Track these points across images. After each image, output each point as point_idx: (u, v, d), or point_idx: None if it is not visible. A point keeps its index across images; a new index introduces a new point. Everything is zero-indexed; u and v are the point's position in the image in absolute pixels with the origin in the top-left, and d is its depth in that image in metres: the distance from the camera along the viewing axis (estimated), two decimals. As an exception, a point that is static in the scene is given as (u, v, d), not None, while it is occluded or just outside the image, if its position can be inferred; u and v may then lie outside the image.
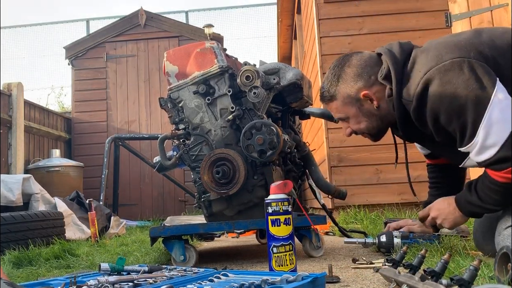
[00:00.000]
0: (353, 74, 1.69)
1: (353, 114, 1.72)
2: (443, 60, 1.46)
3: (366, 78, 1.66)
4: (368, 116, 1.71)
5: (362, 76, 1.67)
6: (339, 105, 1.74)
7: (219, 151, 2.12)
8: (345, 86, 1.70)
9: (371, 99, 1.67)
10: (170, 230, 2.11)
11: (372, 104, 1.68)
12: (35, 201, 3.82)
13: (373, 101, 1.67)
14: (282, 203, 1.54)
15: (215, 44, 2.24)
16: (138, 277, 1.35)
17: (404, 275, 1.20)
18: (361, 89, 1.67)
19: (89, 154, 7.42)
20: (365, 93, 1.66)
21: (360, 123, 1.73)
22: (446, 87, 1.43)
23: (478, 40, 1.50)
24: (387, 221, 2.21)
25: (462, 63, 1.42)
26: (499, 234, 1.48)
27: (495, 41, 1.49)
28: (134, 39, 7.93)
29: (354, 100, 1.69)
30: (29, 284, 1.41)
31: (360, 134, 1.80)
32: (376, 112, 1.69)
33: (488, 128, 1.38)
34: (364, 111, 1.70)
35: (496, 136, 1.37)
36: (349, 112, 1.72)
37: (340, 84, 1.71)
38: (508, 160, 1.38)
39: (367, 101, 1.68)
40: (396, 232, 2.00)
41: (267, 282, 1.18)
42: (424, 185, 2.13)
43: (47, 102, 13.23)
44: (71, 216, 3.87)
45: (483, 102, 1.38)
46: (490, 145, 1.39)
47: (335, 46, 4.40)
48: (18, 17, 28.10)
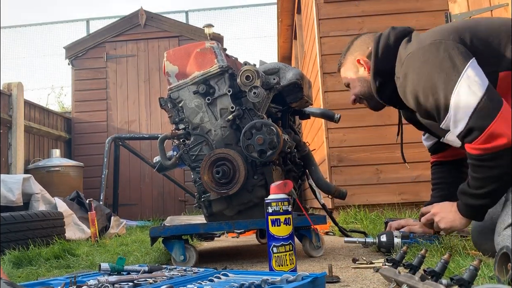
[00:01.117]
0: (356, 46, 1.95)
1: (351, 78, 1.96)
2: (425, 42, 1.61)
3: (364, 49, 1.91)
4: (361, 81, 1.92)
5: (361, 48, 1.92)
6: (344, 71, 1.99)
7: (219, 151, 2.12)
8: (349, 55, 1.97)
9: (364, 66, 1.89)
10: (170, 230, 2.11)
11: (365, 71, 1.90)
12: (35, 201, 3.82)
13: (365, 68, 1.89)
14: (282, 203, 1.54)
15: (215, 44, 2.24)
16: (138, 277, 1.35)
17: (404, 275, 1.20)
18: (357, 57, 1.91)
19: (89, 154, 7.42)
20: (358, 59, 1.90)
21: (355, 87, 1.95)
22: (423, 67, 1.57)
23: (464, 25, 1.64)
24: (388, 220, 2.21)
25: (439, 45, 1.55)
26: (499, 235, 1.48)
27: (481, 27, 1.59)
28: (134, 39, 7.93)
29: (352, 66, 1.94)
30: (29, 284, 1.41)
31: (359, 102, 1.99)
32: (368, 78, 1.88)
33: (457, 103, 1.47)
34: (359, 76, 1.93)
35: (465, 109, 1.46)
36: (349, 76, 1.97)
37: (347, 55, 1.98)
38: (475, 130, 1.45)
39: (362, 67, 1.91)
40: (396, 232, 2.00)
41: (267, 282, 1.18)
42: (424, 185, 2.14)
43: (47, 102, 13.24)
44: (71, 216, 3.87)
45: (453, 79, 1.48)
46: (460, 118, 1.48)
47: (335, 46, 4.40)
48: (18, 16, 28.11)
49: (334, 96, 4.33)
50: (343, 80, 2.04)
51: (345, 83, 2.02)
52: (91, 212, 3.69)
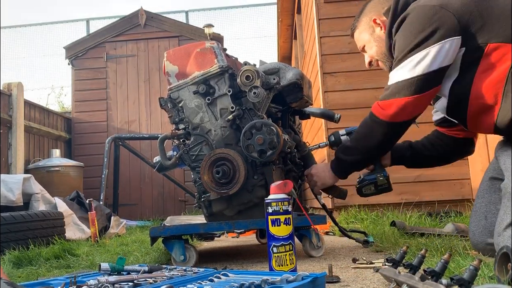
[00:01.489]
0: (370, 7, 1.92)
1: (367, 40, 1.92)
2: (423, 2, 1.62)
3: (379, 9, 1.87)
4: (378, 41, 1.88)
5: (376, 8, 1.89)
6: (358, 34, 1.95)
7: (219, 151, 2.12)
8: (363, 16, 1.93)
9: (380, 26, 1.85)
10: (170, 230, 2.11)
11: (381, 30, 1.86)
12: (35, 201, 3.82)
13: (381, 28, 1.85)
14: (282, 203, 1.54)
15: (215, 44, 2.24)
16: (138, 277, 1.35)
17: (404, 275, 1.20)
18: (373, 17, 1.88)
19: (89, 154, 7.42)
20: (374, 19, 1.87)
21: (371, 48, 1.91)
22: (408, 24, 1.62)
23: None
24: None
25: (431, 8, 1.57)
26: (499, 235, 1.48)
27: None
28: (134, 39, 7.93)
29: (367, 27, 1.91)
30: (29, 284, 1.41)
31: (376, 65, 1.95)
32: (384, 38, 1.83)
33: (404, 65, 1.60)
34: (375, 37, 1.89)
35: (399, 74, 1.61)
36: (365, 38, 1.93)
37: (361, 17, 1.94)
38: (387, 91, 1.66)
39: (378, 27, 1.87)
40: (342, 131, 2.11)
41: (267, 282, 1.18)
42: (425, 185, 2.14)
43: (47, 102, 13.25)
44: (71, 216, 3.87)
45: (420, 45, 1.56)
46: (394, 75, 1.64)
47: (335, 46, 4.40)
48: (18, 16, 28.11)
49: (334, 96, 4.33)
50: (358, 44, 1.99)
51: (359, 46, 1.98)
52: (91, 212, 3.69)
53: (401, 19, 1.66)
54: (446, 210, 3.77)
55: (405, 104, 1.62)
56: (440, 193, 4.02)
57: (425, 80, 1.57)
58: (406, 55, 1.60)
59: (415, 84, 1.58)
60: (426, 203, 4.00)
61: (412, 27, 1.60)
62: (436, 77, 1.58)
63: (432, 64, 1.55)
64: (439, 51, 1.54)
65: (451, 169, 4.07)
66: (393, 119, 1.67)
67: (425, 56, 1.55)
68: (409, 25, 1.62)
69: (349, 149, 1.88)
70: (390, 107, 1.65)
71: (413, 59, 1.57)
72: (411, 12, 1.63)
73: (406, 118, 1.68)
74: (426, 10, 1.58)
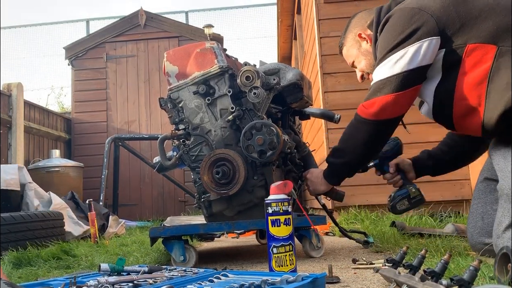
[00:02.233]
0: (354, 23, 1.97)
1: (356, 54, 1.96)
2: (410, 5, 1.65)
3: (363, 23, 1.92)
4: (365, 55, 1.92)
5: (360, 22, 1.94)
6: (346, 50, 2.00)
7: (219, 151, 2.12)
8: (349, 33, 1.99)
9: (366, 39, 1.90)
10: (170, 231, 2.11)
11: (367, 44, 1.91)
12: (29, 190, 3.88)
13: (367, 41, 1.90)
14: (282, 204, 1.54)
15: (215, 44, 2.24)
16: (138, 278, 1.34)
17: (404, 276, 1.20)
18: (358, 32, 1.93)
19: (89, 155, 7.42)
20: (359, 33, 1.91)
21: (360, 62, 1.95)
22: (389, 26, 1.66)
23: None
24: None
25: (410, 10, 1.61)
26: (498, 237, 1.48)
27: None
28: (134, 39, 7.93)
29: (354, 42, 1.95)
30: (29, 284, 1.41)
31: (367, 78, 1.96)
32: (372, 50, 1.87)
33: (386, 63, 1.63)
34: (362, 51, 1.93)
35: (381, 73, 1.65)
36: (353, 54, 1.97)
37: (347, 33, 1.99)
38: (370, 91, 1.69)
39: (364, 41, 1.92)
40: None
41: (267, 282, 1.18)
42: (425, 185, 2.14)
43: (47, 102, 13.26)
44: (66, 209, 3.88)
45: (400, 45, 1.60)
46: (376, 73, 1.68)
47: (335, 46, 4.36)
48: (18, 16, 28.11)
49: (334, 96, 4.33)
50: (347, 60, 2.03)
51: (349, 62, 2.02)
52: (91, 213, 3.69)
53: (384, 22, 1.70)
54: (446, 211, 3.77)
55: (386, 102, 1.65)
56: (440, 193, 4.02)
57: (404, 78, 1.59)
58: (386, 55, 1.64)
59: (394, 82, 1.61)
60: (426, 203, 3.99)
61: (392, 29, 1.64)
62: (416, 76, 1.60)
63: (411, 62, 1.58)
64: (417, 50, 1.56)
65: (451, 169, 4.07)
66: (375, 117, 1.69)
67: (403, 55, 1.59)
68: (390, 27, 1.66)
69: (338, 151, 1.89)
70: (372, 105, 1.68)
71: (392, 58, 1.61)
72: (392, 15, 1.67)
73: (389, 116, 1.69)
74: (405, 13, 1.62)
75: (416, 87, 1.63)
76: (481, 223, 1.71)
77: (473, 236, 1.75)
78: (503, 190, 1.48)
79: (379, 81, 1.66)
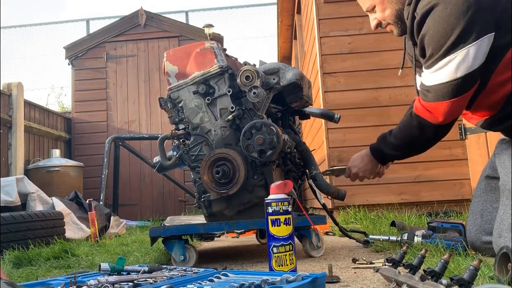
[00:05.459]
0: None
1: (379, 0, 1.76)
2: None
3: None
4: (392, 3, 1.74)
5: None
6: None
7: (219, 151, 2.12)
8: None
9: None
10: (170, 230, 2.11)
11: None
12: (31, 201, 3.83)
13: None
14: (282, 203, 1.54)
15: (215, 44, 2.24)
16: (138, 277, 1.34)
17: (404, 275, 1.20)
18: None
19: (89, 154, 7.42)
20: None
21: (385, 10, 1.77)
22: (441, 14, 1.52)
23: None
24: None
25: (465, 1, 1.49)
26: (500, 236, 1.48)
27: None
28: (134, 39, 7.92)
29: None
30: (29, 284, 1.41)
31: (385, 26, 1.83)
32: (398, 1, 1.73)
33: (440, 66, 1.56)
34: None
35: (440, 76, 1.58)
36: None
37: None
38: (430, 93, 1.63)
39: None
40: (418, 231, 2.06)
41: (267, 282, 1.18)
42: (424, 185, 2.14)
43: (47, 102, 13.25)
44: (69, 215, 3.87)
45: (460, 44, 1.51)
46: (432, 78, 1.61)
47: (335, 46, 4.40)
48: (18, 16, 28.11)
49: (334, 96, 4.33)
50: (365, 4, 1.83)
51: (368, 5, 1.81)
52: (91, 212, 3.69)
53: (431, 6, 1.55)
54: (446, 210, 3.77)
55: (451, 106, 1.61)
56: (440, 193, 4.02)
57: (469, 80, 1.55)
58: (445, 54, 1.54)
59: (459, 86, 1.56)
60: (426, 203, 4.01)
61: (445, 21, 1.52)
62: (477, 75, 1.56)
63: (474, 63, 1.52)
64: (477, 49, 1.51)
65: (451, 169, 4.07)
66: (442, 121, 1.67)
67: (465, 57, 1.52)
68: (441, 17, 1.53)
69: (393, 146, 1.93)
70: (437, 110, 1.64)
71: (454, 60, 1.53)
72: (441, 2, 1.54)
73: (453, 118, 1.68)
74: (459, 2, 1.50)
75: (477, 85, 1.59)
76: (480, 221, 1.71)
77: (471, 234, 1.75)
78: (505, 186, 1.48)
79: (442, 84, 1.58)
